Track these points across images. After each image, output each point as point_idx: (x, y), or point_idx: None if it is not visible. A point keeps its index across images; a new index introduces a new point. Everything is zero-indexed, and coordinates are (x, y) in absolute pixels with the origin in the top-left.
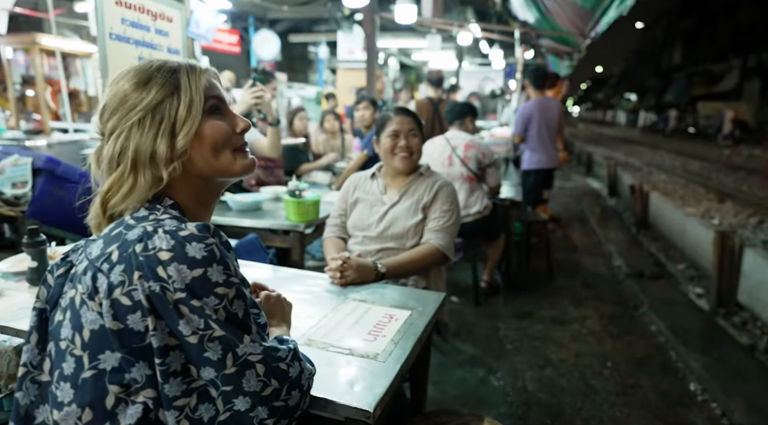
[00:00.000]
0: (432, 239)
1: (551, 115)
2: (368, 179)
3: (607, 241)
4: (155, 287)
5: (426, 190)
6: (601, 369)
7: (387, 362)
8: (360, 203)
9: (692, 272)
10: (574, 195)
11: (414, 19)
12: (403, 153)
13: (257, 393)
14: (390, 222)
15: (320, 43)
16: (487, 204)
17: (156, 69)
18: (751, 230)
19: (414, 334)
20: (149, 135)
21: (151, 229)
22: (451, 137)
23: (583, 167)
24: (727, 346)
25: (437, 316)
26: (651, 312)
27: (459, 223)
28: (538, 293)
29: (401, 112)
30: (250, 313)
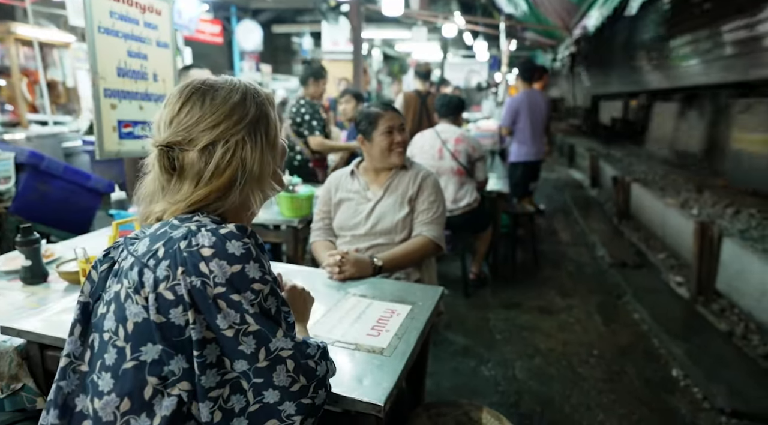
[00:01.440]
0: (424, 232)
1: (539, 108)
2: (348, 177)
3: (590, 231)
4: (197, 282)
5: (410, 183)
6: (587, 357)
7: (392, 356)
8: (344, 203)
9: (672, 261)
10: (558, 186)
11: (401, 11)
12: (399, 148)
13: (286, 387)
14: (378, 218)
15: (304, 34)
16: (476, 197)
17: (245, 87)
18: (728, 220)
19: (416, 329)
20: (257, 151)
21: (195, 228)
22: (442, 131)
23: (565, 158)
24: (706, 333)
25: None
26: (634, 301)
27: (445, 212)
28: (525, 284)
29: (389, 108)
30: (281, 310)
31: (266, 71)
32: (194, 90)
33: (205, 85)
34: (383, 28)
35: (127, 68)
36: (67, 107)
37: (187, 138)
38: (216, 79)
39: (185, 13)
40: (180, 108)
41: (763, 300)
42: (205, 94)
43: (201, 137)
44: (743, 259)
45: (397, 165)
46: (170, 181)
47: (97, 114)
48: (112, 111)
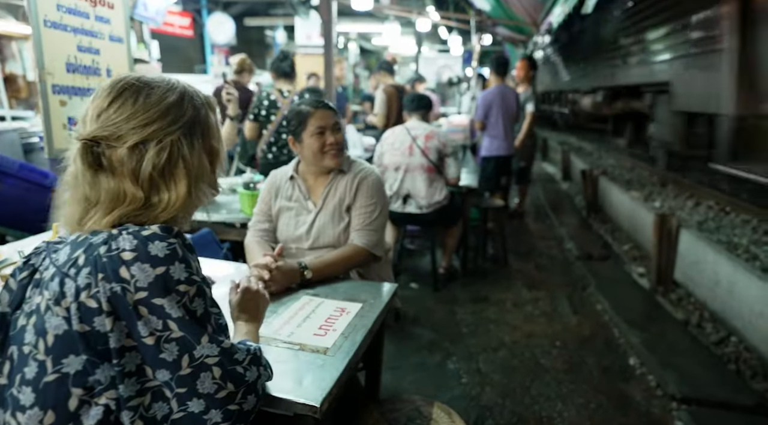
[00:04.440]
0: (356, 239)
1: (510, 102)
2: (288, 182)
3: (560, 224)
4: (116, 289)
5: (347, 189)
6: (550, 348)
7: (336, 356)
8: (284, 213)
9: (636, 252)
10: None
11: (371, 6)
12: (333, 150)
13: (211, 395)
14: (318, 232)
15: (277, 27)
16: (446, 194)
17: (183, 89)
18: (688, 212)
19: (365, 326)
20: (194, 154)
21: (115, 232)
22: (412, 127)
23: (539, 152)
24: (664, 322)
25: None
26: (597, 292)
27: (386, 214)
28: (495, 277)
29: (322, 105)
30: (210, 313)
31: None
32: (127, 86)
33: (140, 82)
34: (359, 22)
35: (78, 64)
36: (29, 101)
37: (115, 134)
38: (153, 77)
39: (151, 5)
40: (110, 103)
41: (715, 290)
42: (139, 91)
43: (130, 135)
44: (699, 250)
45: (331, 168)
46: (95, 177)
47: (45, 111)
48: (62, 108)
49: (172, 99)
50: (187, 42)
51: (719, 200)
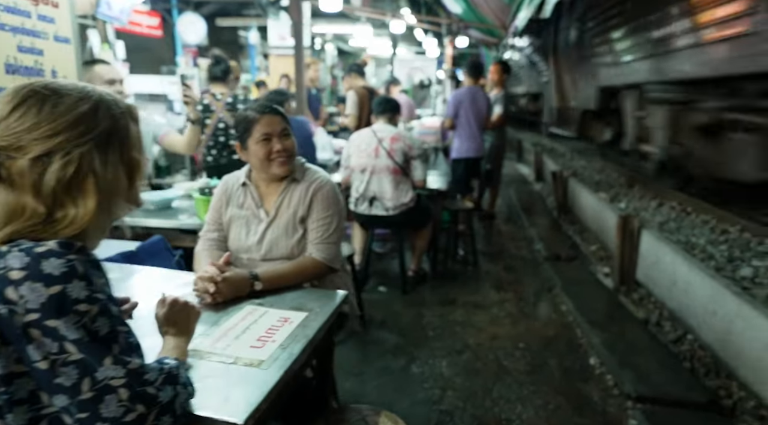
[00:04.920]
0: (314, 253)
1: (480, 105)
2: (240, 188)
3: (530, 225)
4: (3, 311)
5: (301, 200)
6: (513, 350)
7: (270, 369)
8: (235, 222)
9: (602, 253)
10: (504, 181)
11: (340, 7)
12: (281, 158)
13: (118, 419)
14: (271, 244)
15: (250, 28)
16: (412, 196)
17: (99, 97)
18: (651, 213)
19: (305, 337)
20: (108, 167)
21: (5, 249)
22: (378, 130)
23: (514, 153)
24: (625, 321)
25: (343, 311)
26: (562, 293)
27: (342, 226)
28: (464, 279)
29: (268, 110)
30: (117, 332)
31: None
32: (32, 93)
33: (47, 89)
34: (334, 23)
35: (18, 64)
36: None
37: (14, 144)
38: (65, 84)
39: (115, 4)
40: (11, 111)
41: (673, 289)
42: (45, 99)
43: (33, 146)
44: (658, 250)
45: (279, 177)
46: None
47: None
48: None
49: (83, 109)
50: (158, 42)
51: (681, 201)
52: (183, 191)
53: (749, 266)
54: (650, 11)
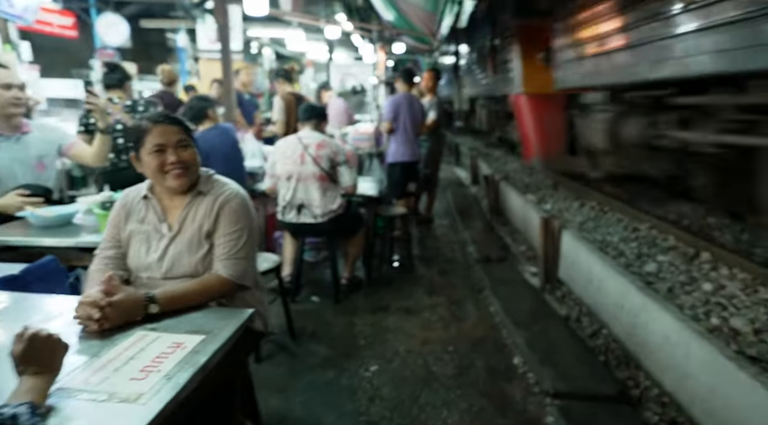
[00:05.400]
0: (221, 270)
1: (416, 110)
2: (141, 201)
3: (464, 228)
4: None
5: (207, 213)
6: (442, 354)
7: (149, 403)
8: (135, 238)
9: (530, 253)
10: (442, 185)
11: (266, 12)
12: (176, 170)
13: None
14: (173, 261)
15: (179, 30)
16: (341, 203)
17: None
18: (573, 213)
19: (195, 364)
20: None
21: None
22: (304, 136)
23: (453, 156)
24: (548, 319)
25: (256, 329)
26: (491, 294)
27: (254, 241)
28: (398, 285)
29: (163, 120)
30: None
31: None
32: None
33: None
34: (269, 26)
35: None
36: None
37: None
38: None
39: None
40: None
41: (589, 287)
42: None
43: None
44: (576, 250)
45: (176, 190)
46: None
47: None
48: None
49: None
50: (74, 44)
51: (600, 201)
52: (86, 205)
53: (654, 261)
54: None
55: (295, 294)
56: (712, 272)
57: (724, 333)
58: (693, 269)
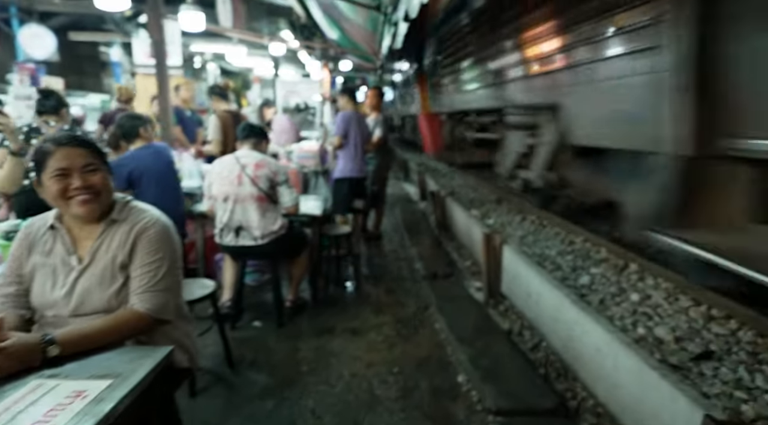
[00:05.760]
0: (137, 304)
1: (363, 127)
2: (47, 231)
3: (412, 245)
4: None
5: (121, 243)
6: (387, 376)
7: None
8: (39, 272)
9: (475, 268)
10: (391, 201)
11: (202, 28)
12: (82, 196)
13: None
14: (83, 296)
15: (113, 44)
16: (282, 223)
17: None
18: (514, 228)
19: (97, 414)
20: None
21: None
22: (241, 156)
23: (401, 172)
24: (491, 334)
25: (180, 366)
26: (437, 311)
27: (177, 271)
28: (344, 305)
29: (68, 142)
30: None
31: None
32: None
33: None
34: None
35: None
36: None
37: None
38: None
39: None
40: None
41: (528, 300)
42: None
43: None
44: (516, 264)
45: (84, 218)
46: None
47: None
48: None
49: None
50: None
51: (539, 215)
52: None
53: (588, 274)
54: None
55: (236, 320)
56: (639, 282)
57: (649, 342)
58: (622, 280)
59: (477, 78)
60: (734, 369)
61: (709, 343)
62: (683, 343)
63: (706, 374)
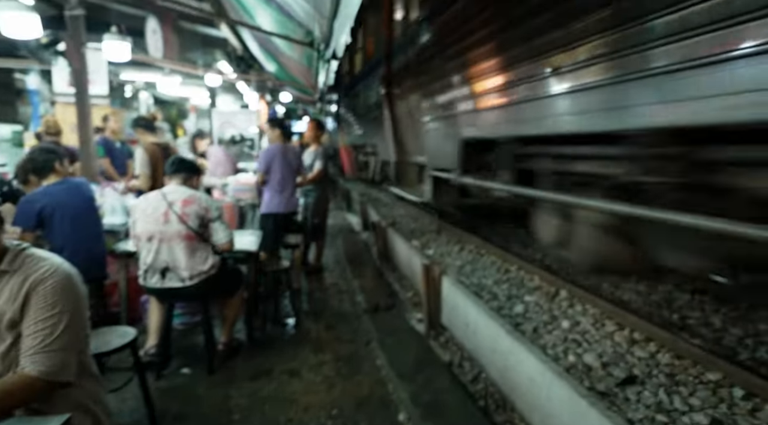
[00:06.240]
0: (28, 366)
1: (291, 160)
2: None
3: (354, 277)
4: None
5: (11, 297)
6: (326, 419)
7: None
8: None
9: (417, 298)
10: (333, 232)
11: (128, 57)
12: None
13: None
14: None
15: (30, 71)
16: (214, 262)
17: None
18: (453, 257)
19: None
20: None
21: None
22: (169, 192)
23: (344, 202)
24: (432, 368)
25: None
26: (378, 346)
27: (79, 327)
28: (282, 345)
29: None
30: None
31: None
32: None
33: None
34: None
35: None
36: None
37: None
38: None
39: None
40: None
41: (467, 331)
42: None
43: None
44: (455, 295)
45: None
46: None
47: None
48: None
49: None
50: None
51: (477, 245)
52: None
53: (522, 302)
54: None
55: (162, 368)
56: (569, 309)
57: (579, 369)
58: (554, 308)
59: (356, 123)
60: (655, 392)
61: (633, 367)
62: (610, 368)
63: (630, 398)
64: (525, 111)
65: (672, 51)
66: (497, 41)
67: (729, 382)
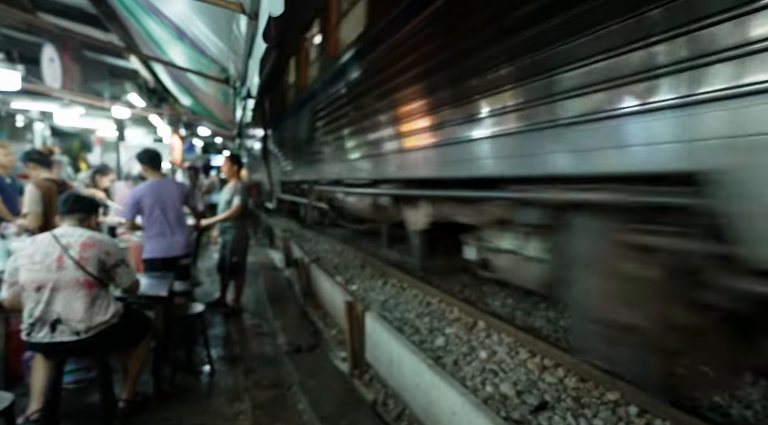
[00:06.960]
0: None
1: (170, 196)
2: None
3: (275, 317)
4: None
5: None
6: None
7: None
8: None
9: (341, 336)
10: (254, 269)
11: (18, 87)
12: None
13: None
14: None
15: None
16: (116, 310)
17: None
18: (377, 292)
19: None
20: None
21: None
22: (62, 235)
23: (267, 238)
24: (356, 409)
25: None
26: (300, 390)
27: None
28: (193, 396)
29: None
30: None
31: None
32: None
33: None
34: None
35: None
36: None
37: None
38: None
39: None
40: None
41: (391, 367)
42: None
43: None
44: (378, 331)
45: None
46: None
47: None
48: None
49: None
50: None
51: (400, 278)
52: None
53: (443, 335)
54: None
55: None
56: (486, 339)
57: (496, 399)
58: (473, 339)
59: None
60: (564, 416)
61: (544, 393)
62: (524, 396)
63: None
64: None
65: None
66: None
67: (626, 401)
